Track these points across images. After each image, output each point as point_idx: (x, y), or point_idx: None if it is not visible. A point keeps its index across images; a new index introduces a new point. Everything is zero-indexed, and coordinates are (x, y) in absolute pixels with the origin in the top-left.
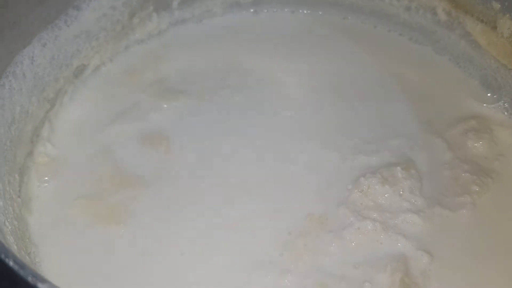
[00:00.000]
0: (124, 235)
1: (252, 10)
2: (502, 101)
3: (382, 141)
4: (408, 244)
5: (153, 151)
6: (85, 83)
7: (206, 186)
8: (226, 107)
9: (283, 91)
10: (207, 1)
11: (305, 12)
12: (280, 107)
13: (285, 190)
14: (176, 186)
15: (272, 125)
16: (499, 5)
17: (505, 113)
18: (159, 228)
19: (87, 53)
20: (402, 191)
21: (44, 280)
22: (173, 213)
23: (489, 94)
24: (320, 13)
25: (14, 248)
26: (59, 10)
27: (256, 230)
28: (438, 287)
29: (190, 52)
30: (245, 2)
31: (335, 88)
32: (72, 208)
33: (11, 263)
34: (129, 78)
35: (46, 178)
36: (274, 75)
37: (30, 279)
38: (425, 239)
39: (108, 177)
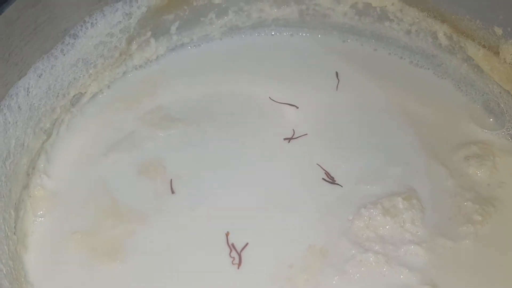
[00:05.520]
0: (120, 272)
1: (251, 34)
2: (506, 127)
3: (383, 169)
4: (411, 277)
5: (150, 182)
6: (82, 112)
7: (204, 218)
8: (224, 134)
9: (282, 117)
10: (205, 25)
11: (304, 35)
12: (279, 134)
13: (286, 221)
14: (173, 219)
15: (272, 153)
16: (501, 31)
17: (509, 139)
18: (156, 263)
19: (84, 81)
20: (403, 222)
21: None
22: (171, 248)
23: (491, 120)
24: (320, 36)
25: None
26: (55, 39)
27: (256, 263)
28: None
29: (188, 78)
30: (243, 25)
31: (335, 114)
32: (68, 244)
33: None
34: (126, 106)
35: (42, 212)
36: (273, 101)
37: None
38: (429, 271)
39: (105, 210)
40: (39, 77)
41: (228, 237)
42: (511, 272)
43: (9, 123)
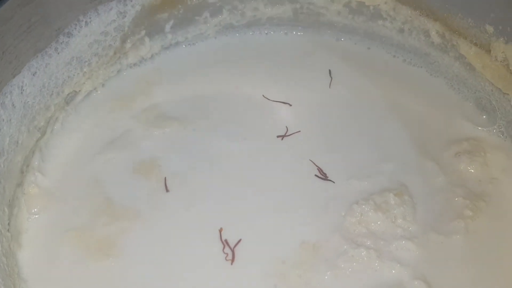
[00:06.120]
0: (114, 269)
1: (245, 33)
2: (497, 125)
3: (375, 165)
4: (403, 271)
5: (145, 181)
6: (76, 110)
7: (198, 216)
8: (218, 132)
9: (275, 114)
10: (200, 24)
11: (298, 33)
12: (272, 132)
13: (279, 217)
14: (167, 217)
15: (265, 150)
16: (493, 29)
17: (501, 136)
18: (150, 260)
19: (78, 79)
20: (395, 217)
21: None
22: (164, 245)
23: (484, 117)
24: (314, 34)
25: None
26: (49, 37)
27: (250, 259)
28: None
29: (182, 76)
30: (238, 24)
31: (328, 111)
32: (62, 241)
33: None
34: (121, 104)
35: (36, 209)
36: (267, 99)
37: None
38: (420, 266)
39: (99, 208)
40: (33, 75)
41: (222, 233)
42: (501, 266)
43: (3, 121)
